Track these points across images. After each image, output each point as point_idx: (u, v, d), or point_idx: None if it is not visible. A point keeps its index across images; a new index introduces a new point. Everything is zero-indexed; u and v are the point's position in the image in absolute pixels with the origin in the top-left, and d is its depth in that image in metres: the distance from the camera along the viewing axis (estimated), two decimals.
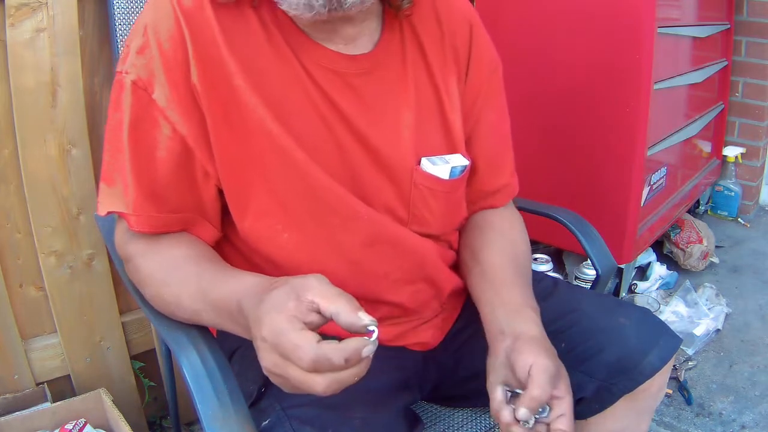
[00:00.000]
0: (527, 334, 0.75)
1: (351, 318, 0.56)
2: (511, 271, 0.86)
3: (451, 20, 0.87)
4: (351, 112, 0.78)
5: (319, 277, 0.60)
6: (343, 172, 0.79)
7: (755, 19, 2.43)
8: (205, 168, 0.76)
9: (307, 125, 0.77)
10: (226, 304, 0.67)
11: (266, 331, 0.57)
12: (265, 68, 0.75)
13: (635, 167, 1.77)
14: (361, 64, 0.79)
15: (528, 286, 0.86)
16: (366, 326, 0.56)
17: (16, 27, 1.13)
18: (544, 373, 0.69)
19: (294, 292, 0.58)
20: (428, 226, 0.86)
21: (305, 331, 0.55)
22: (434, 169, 0.84)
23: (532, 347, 0.72)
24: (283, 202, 0.78)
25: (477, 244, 0.92)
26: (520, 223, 0.97)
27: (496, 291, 0.83)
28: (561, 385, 0.70)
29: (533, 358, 0.70)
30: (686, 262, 2.21)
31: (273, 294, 0.59)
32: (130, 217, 0.75)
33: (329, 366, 0.54)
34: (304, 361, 0.54)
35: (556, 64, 1.81)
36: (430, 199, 0.84)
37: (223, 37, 0.74)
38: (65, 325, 1.30)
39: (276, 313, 0.57)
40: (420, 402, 0.98)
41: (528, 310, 0.79)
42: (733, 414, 1.60)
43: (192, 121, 0.74)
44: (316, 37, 0.77)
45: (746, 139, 2.60)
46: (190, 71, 0.72)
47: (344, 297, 0.57)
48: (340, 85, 0.78)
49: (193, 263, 0.74)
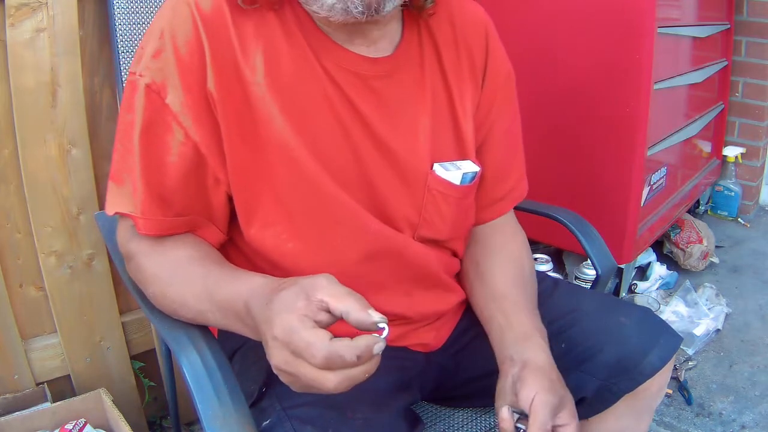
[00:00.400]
0: (534, 363, 0.78)
1: (361, 316, 0.56)
2: (519, 295, 0.88)
3: (465, 26, 0.87)
4: (370, 114, 0.78)
5: (328, 276, 0.60)
6: (356, 176, 0.79)
7: (755, 19, 2.43)
8: (216, 174, 0.75)
9: (323, 129, 0.76)
10: (233, 304, 0.67)
11: (278, 330, 0.57)
12: (284, 73, 0.75)
13: (635, 167, 1.77)
14: (383, 66, 0.79)
15: (534, 308, 0.88)
16: (376, 323, 0.56)
17: (16, 27, 1.12)
18: (545, 408, 0.72)
19: (303, 291, 0.59)
20: (437, 231, 0.86)
21: (317, 329, 0.56)
22: (447, 174, 0.84)
23: (535, 380, 0.75)
24: (290, 212, 0.77)
25: (483, 264, 0.93)
26: (523, 237, 0.98)
27: (506, 316, 0.86)
28: (563, 414, 0.74)
29: (535, 391, 0.73)
30: (686, 262, 2.22)
31: (282, 294, 0.60)
32: (138, 219, 0.75)
33: (341, 363, 0.55)
34: (317, 358, 0.55)
35: (556, 64, 1.81)
36: (442, 204, 0.85)
37: (241, 41, 0.73)
38: (65, 325, 1.30)
39: (287, 313, 0.57)
40: (420, 402, 0.98)
41: (536, 336, 0.82)
42: (733, 414, 1.60)
43: (205, 128, 0.73)
44: (338, 39, 0.77)
45: (746, 139, 2.60)
46: (207, 77, 0.72)
47: (353, 296, 0.58)
48: (361, 88, 0.78)
49: (198, 264, 0.74)
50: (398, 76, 0.80)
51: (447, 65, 0.85)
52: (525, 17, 1.83)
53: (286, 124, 0.75)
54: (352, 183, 0.79)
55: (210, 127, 0.73)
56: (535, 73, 1.81)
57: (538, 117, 1.86)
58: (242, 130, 0.74)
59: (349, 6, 0.69)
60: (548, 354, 0.80)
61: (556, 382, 0.76)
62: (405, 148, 0.81)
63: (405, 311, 0.87)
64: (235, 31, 0.73)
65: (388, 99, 0.79)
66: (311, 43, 0.76)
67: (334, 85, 0.76)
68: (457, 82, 0.85)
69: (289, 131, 0.75)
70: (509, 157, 0.95)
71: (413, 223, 0.84)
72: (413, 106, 0.82)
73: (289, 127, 0.75)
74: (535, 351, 0.80)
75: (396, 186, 0.81)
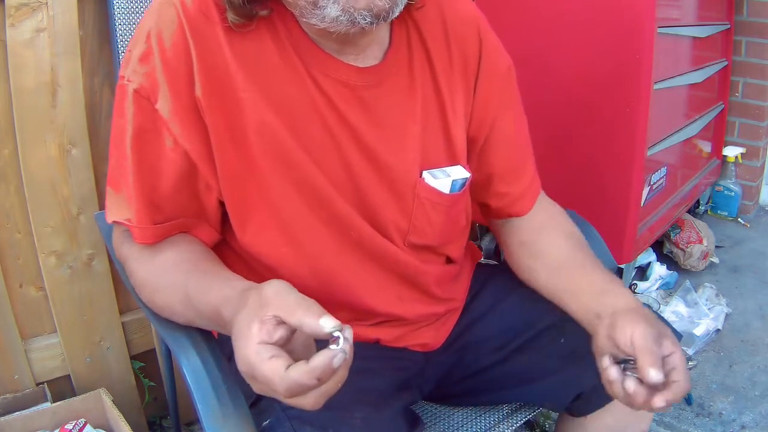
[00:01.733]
0: (622, 308, 0.75)
1: (313, 329, 0.55)
2: (579, 258, 0.87)
3: (456, 23, 0.85)
4: (359, 124, 0.77)
5: (278, 285, 0.59)
6: (347, 184, 0.79)
7: (755, 19, 2.43)
8: (207, 181, 0.75)
9: (313, 138, 0.76)
10: (210, 315, 0.67)
11: (240, 364, 0.57)
12: (272, 80, 0.74)
13: (635, 167, 1.77)
14: (371, 76, 0.78)
15: (600, 265, 0.86)
16: (329, 333, 0.54)
17: (16, 27, 1.12)
18: (647, 338, 0.68)
19: (255, 313, 0.57)
20: (426, 237, 0.86)
21: (273, 360, 0.54)
22: (436, 182, 0.83)
23: (628, 319, 0.72)
24: (283, 218, 0.77)
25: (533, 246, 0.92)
26: (558, 210, 0.97)
27: (575, 282, 0.84)
28: (666, 342, 0.70)
29: (631, 329, 0.70)
30: (686, 262, 2.21)
31: (239, 319, 0.59)
32: (134, 229, 0.75)
33: (305, 390, 0.54)
34: (279, 393, 0.54)
35: (555, 63, 1.80)
36: (431, 212, 0.84)
37: (230, 47, 0.72)
38: (65, 325, 1.30)
39: (243, 342, 0.56)
40: (420, 401, 0.98)
41: (613, 286, 0.80)
42: (733, 414, 1.60)
43: (194, 135, 0.72)
44: (327, 48, 0.76)
45: (746, 139, 2.60)
46: (194, 82, 0.70)
47: (302, 306, 0.56)
48: (349, 97, 0.77)
49: (182, 270, 0.73)
50: (387, 85, 0.79)
51: (438, 67, 0.83)
52: (524, 17, 1.83)
53: (277, 131, 0.74)
54: (344, 190, 0.78)
55: (199, 133, 0.72)
56: (535, 73, 1.80)
57: (538, 117, 1.84)
58: (232, 136, 0.73)
59: (357, 17, 0.66)
60: (632, 297, 0.78)
61: (650, 316, 0.73)
62: (393, 156, 0.80)
63: (401, 313, 0.88)
64: (223, 34, 0.71)
65: (376, 108, 0.79)
66: (299, 53, 0.74)
67: (323, 95, 0.76)
68: (448, 84, 0.84)
69: (281, 138, 0.74)
70: (520, 155, 0.94)
71: (403, 229, 0.84)
72: (402, 114, 0.81)
73: (281, 134, 0.74)
74: (617, 298, 0.78)
75: (385, 194, 0.81)
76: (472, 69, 0.86)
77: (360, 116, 0.78)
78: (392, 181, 0.81)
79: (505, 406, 0.99)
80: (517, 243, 0.95)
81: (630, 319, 0.71)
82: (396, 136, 0.81)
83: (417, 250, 0.86)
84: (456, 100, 0.85)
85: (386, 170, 0.80)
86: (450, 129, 0.85)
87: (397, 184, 0.81)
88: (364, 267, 0.83)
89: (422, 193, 0.83)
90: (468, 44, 0.86)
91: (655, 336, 0.69)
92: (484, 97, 0.88)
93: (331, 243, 0.80)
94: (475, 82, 0.87)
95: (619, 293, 0.79)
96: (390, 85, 0.80)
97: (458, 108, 0.85)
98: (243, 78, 0.72)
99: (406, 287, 0.87)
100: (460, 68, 0.85)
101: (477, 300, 0.99)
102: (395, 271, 0.85)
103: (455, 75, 0.85)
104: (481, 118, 0.89)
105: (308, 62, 0.75)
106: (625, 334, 0.70)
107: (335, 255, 0.80)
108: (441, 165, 0.85)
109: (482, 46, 0.87)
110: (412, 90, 0.82)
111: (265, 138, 0.74)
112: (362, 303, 0.84)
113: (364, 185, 0.80)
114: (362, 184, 0.79)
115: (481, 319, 0.97)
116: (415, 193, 0.83)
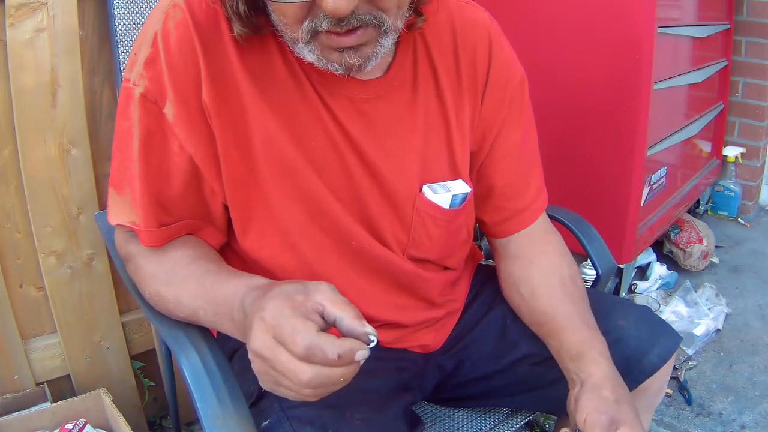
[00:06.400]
0: (589, 382, 0.77)
1: (353, 323, 0.56)
2: (565, 309, 0.86)
3: (466, 33, 0.84)
4: (360, 136, 0.77)
5: (330, 285, 0.61)
6: (348, 195, 0.79)
7: (755, 19, 2.43)
8: (212, 186, 0.75)
9: (317, 149, 0.76)
10: (229, 300, 0.67)
11: (268, 312, 0.57)
12: (278, 91, 0.74)
13: (635, 167, 1.77)
14: (373, 89, 0.78)
15: (583, 318, 0.85)
16: (367, 333, 0.56)
17: (16, 27, 1.12)
18: (594, 428, 0.72)
19: (305, 289, 0.59)
20: (426, 251, 0.86)
21: (307, 320, 0.56)
22: (435, 197, 0.83)
23: (587, 401, 0.75)
24: (284, 226, 0.77)
25: (521, 282, 0.91)
26: (556, 238, 0.94)
27: (556, 337, 0.85)
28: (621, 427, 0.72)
29: (585, 413, 0.74)
30: (686, 262, 2.21)
31: (283, 285, 0.60)
32: (141, 232, 0.75)
33: (321, 357, 0.54)
34: (299, 346, 0.54)
35: (555, 64, 1.80)
36: (430, 226, 0.84)
37: (238, 57, 0.71)
38: (65, 325, 1.30)
39: (282, 300, 0.57)
40: (420, 402, 0.98)
41: (589, 352, 0.80)
42: (733, 414, 1.60)
43: (200, 140, 0.72)
44: None
45: (746, 139, 2.60)
46: (201, 87, 0.70)
47: (351, 306, 0.58)
48: (351, 110, 0.77)
49: (197, 263, 0.74)
50: (388, 98, 0.79)
51: (443, 80, 0.82)
52: (524, 18, 1.83)
53: (280, 140, 0.74)
54: (345, 201, 0.78)
55: (205, 139, 0.72)
56: (535, 73, 1.79)
57: (538, 117, 1.85)
58: (237, 142, 0.73)
59: (330, 67, 0.68)
60: (603, 367, 0.78)
61: (609, 400, 0.74)
62: (393, 170, 0.80)
63: (400, 319, 0.88)
64: (230, 40, 0.71)
65: (377, 121, 0.78)
66: (304, 66, 0.74)
67: (326, 107, 0.76)
68: (453, 97, 0.83)
69: (284, 147, 0.74)
70: (524, 169, 0.92)
71: (402, 242, 0.84)
72: (403, 128, 0.80)
73: (284, 143, 0.74)
74: (589, 368, 0.79)
75: (385, 207, 0.81)
76: (480, 78, 0.85)
77: (361, 128, 0.77)
78: (392, 194, 0.81)
79: (505, 407, 0.99)
80: (507, 274, 0.93)
81: (588, 403, 0.75)
82: (396, 149, 0.80)
83: (417, 262, 0.86)
84: (461, 113, 0.84)
85: (386, 183, 0.80)
86: (453, 142, 0.84)
87: (396, 197, 0.81)
88: (364, 276, 0.83)
89: (421, 207, 0.83)
90: (477, 53, 0.84)
91: (604, 426, 0.72)
92: (491, 107, 0.86)
93: (331, 252, 0.80)
94: (483, 92, 0.85)
95: (592, 362, 0.79)
96: (391, 99, 0.79)
97: (463, 120, 0.84)
98: (249, 87, 0.72)
99: (405, 296, 0.87)
100: (468, 78, 0.84)
101: (477, 301, 0.99)
102: (395, 281, 0.85)
103: (462, 86, 0.84)
104: (486, 129, 0.87)
105: (311, 74, 0.75)
106: (581, 416, 0.74)
107: (335, 263, 0.81)
108: (443, 179, 0.84)
109: (492, 55, 0.85)
110: (415, 103, 0.81)
111: (268, 146, 0.74)
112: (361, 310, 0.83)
113: (364, 197, 0.79)
114: (363, 196, 0.79)
115: (480, 321, 0.97)
116: (415, 206, 0.82)
